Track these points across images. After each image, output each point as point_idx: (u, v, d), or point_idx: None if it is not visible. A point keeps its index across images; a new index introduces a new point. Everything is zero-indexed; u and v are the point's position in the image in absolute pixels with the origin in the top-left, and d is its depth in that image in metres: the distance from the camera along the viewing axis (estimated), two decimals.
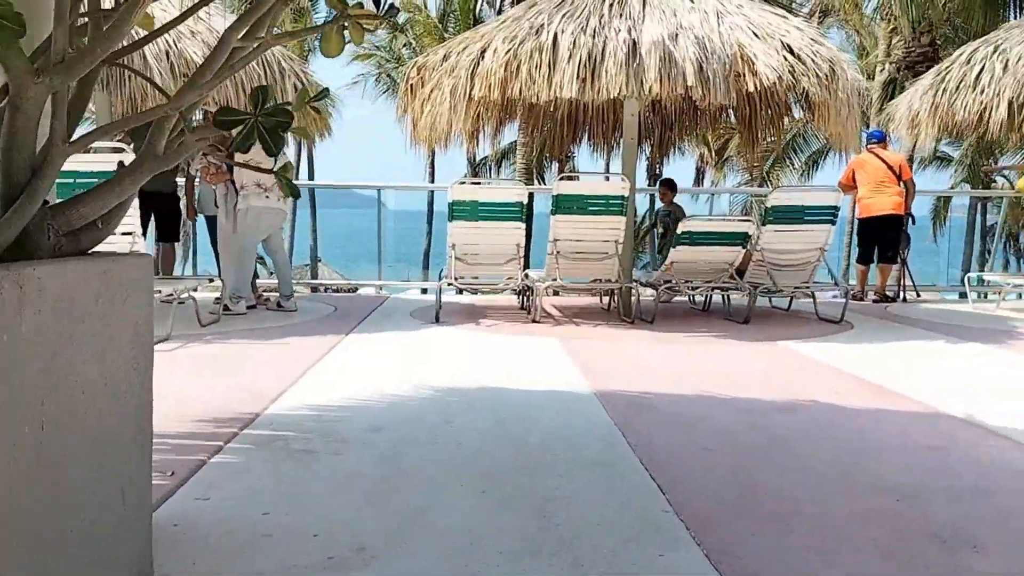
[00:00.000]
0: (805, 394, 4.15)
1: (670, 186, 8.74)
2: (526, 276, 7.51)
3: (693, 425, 3.50)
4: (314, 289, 11.37)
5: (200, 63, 2.35)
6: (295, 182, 7.19)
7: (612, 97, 5.81)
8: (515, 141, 12.52)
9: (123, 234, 5.53)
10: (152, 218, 7.77)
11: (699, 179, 25.98)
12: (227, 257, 7.31)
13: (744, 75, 5.83)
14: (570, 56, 5.83)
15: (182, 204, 7.93)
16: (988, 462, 3.08)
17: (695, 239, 6.83)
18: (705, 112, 8.20)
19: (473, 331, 6.36)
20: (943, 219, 24.77)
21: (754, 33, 6.01)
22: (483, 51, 6.27)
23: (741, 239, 6.85)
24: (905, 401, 4.04)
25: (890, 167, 8.77)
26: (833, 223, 7.05)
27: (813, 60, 5.90)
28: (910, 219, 9.16)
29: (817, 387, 4.35)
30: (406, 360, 5.01)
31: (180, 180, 7.84)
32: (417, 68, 6.98)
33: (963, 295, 9.94)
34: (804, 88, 5.89)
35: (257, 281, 7.96)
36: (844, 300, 7.06)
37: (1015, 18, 13.61)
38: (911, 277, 9.45)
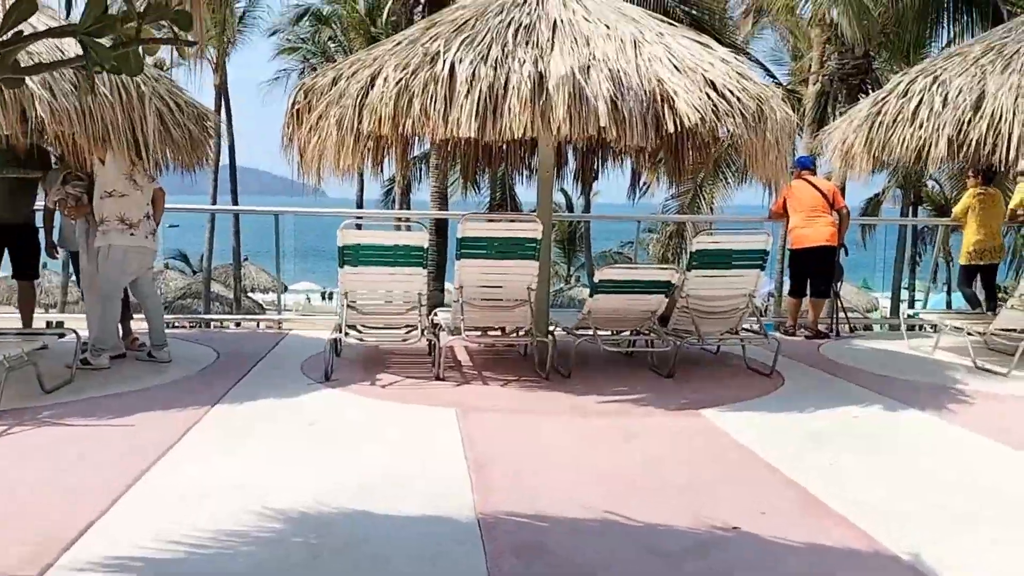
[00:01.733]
0: (728, 513, 3.52)
1: None
2: (433, 322, 6.80)
3: None
4: (206, 324, 10.44)
5: None
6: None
7: (516, 137, 5.11)
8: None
9: None
10: (6, 252, 6.84)
11: (635, 181, 25.53)
12: (90, 301, 6.43)
13: (664, 115, 5.18)
14: (468, 91, 5.11)
15: (42, 236, 7.01)
16: None
17: (614, 288, 6.20)
18: None
19: (363, 395, 5.61)
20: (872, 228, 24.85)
21: (675, 66, 5.37)
22: (372, 79, 5.51)
23: (664, 287, 6.24)
24: (845, 530, 3.43)
25: (823, 195, 8.29)
26: (762, 268, 6.49)
27: (739, 99, 5.28)
28: (843, 250, 8.72)
29: (743, 501, 3.73)
30: (267, 458, 4.24)
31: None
32: (304, 91, 6.17)
33: (894, 328, 9.58)
34: (729, 130, 5.27)
35: (132, 323, 7.08)
36: (774, 352, 6.50)
37: (947, 32, 13.36)
38: (844, 310, 9.02)
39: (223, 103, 25.92)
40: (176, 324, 9.40)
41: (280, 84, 27.30)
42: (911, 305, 27.02)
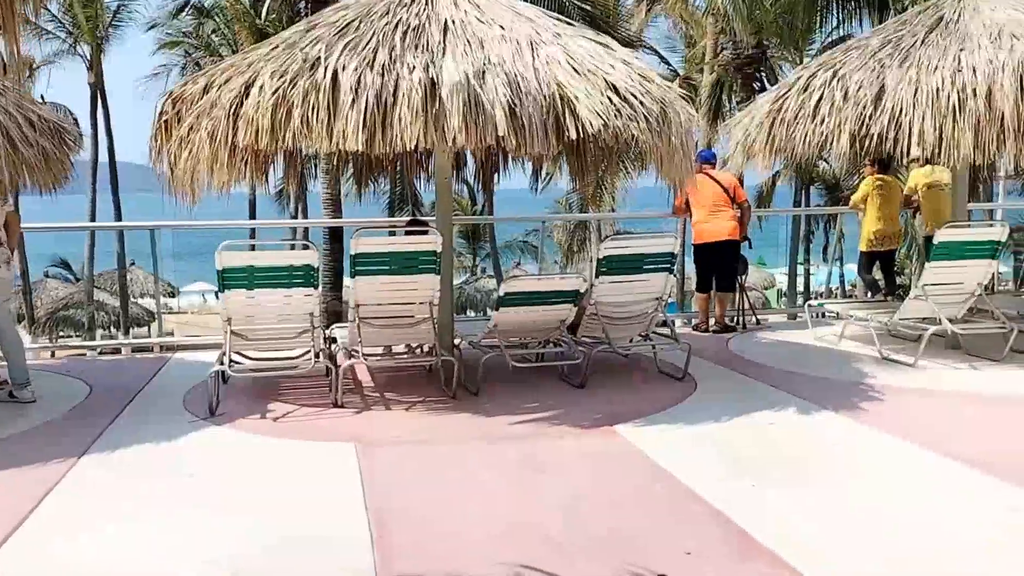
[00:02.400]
0: (654, 559, 3.26)
1: None
2: (329, 340, 6.35)
3: None
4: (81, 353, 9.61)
5: None
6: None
7: (408, 149, 4.71)
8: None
9: None
10: None
11: (537, 172, 25.35)
12: None
13: (565, 120, 4.88)
14: (354, 100, 4.68)
15: None
16: None
17: (521, 300, 5.90)
18: None
19: (252, 431, 5.13)
20: (768, 202, 25.45)
21: (574, 69, 5.07)
22: (247, 87, 5.01)
23: (571, 296, 5.98)
24: (777, 570, 3.22)
25: (724, 189, 8.20)
26: (671, 271, 6.30)
27: (642, 103, 5.03)
28: (747, 243, 8.67)
29: (668, 540, 3.48)
30: (132, 530, 3.72)
31: None
32: (172, 100, 5.60)
33: (791, 317, 9.62)
34: (634, 135, 5.01)
35: None
36: (685, 353, 6.32)
37: (835, 17, 13.58)
38: (749, 302, 8.99)
39: (100, 100, 24.43)
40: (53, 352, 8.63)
41: (161, 80, 25.88)
42: (807, 281, 27.86)
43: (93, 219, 23.98)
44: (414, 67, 4.78)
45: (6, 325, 5.91)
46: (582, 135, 4.96)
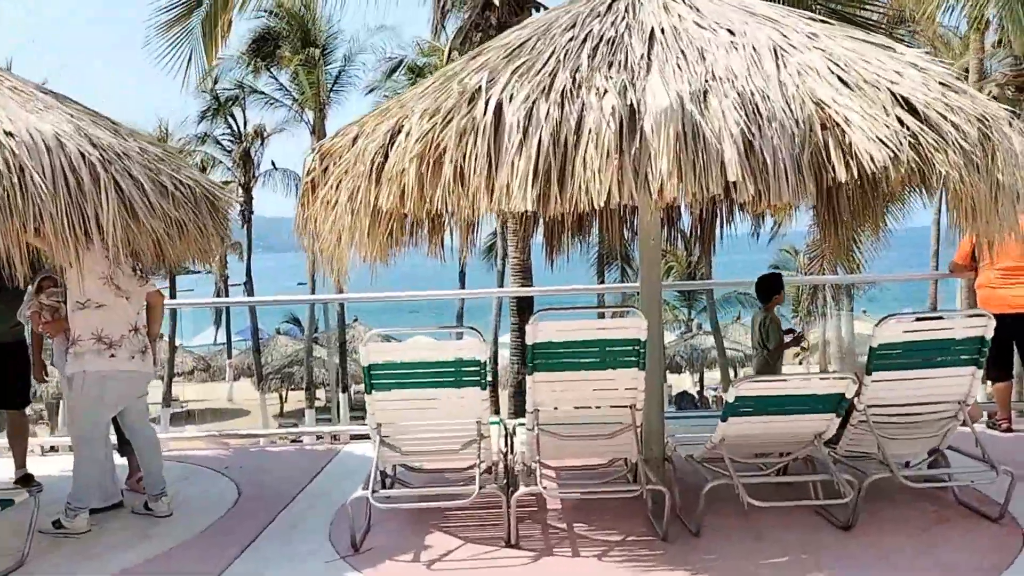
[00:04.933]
0: None
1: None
2: (506, 452, 5.05)
3: None
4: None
5: None
6: None
7: (596, 208, 3.32)
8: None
9: None
10: None
11: (759, 217, 23.10)
12: (73, 441, 5.04)
13: (829, 153, 3.30)
14: (521, 141, 3.37)
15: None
16: None
17: (759, 407, 4.28)
18: None
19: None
20: None
21: (842, 80, 3.47)
22: (393, 134, 3.86)
23: (832, 404, 4.27)
24: None
25: None
26: (980, 365, 4.42)
27: (952, 123, 3.32)
28: None
29: None
30: None
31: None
32: (320, 155, 4.61)
33: None
34: (943, 172, 3.29)
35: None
36: (1008, 479, 4.35)
37: None
38: None
39: None
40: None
41: None
42: None
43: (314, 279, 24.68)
44: (605, 91, 3.41)
45: (141, 425, 5.11)
46: (855, 177, 3.33)
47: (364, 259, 4.29)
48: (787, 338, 6.21)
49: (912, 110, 3.37)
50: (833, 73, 3.50)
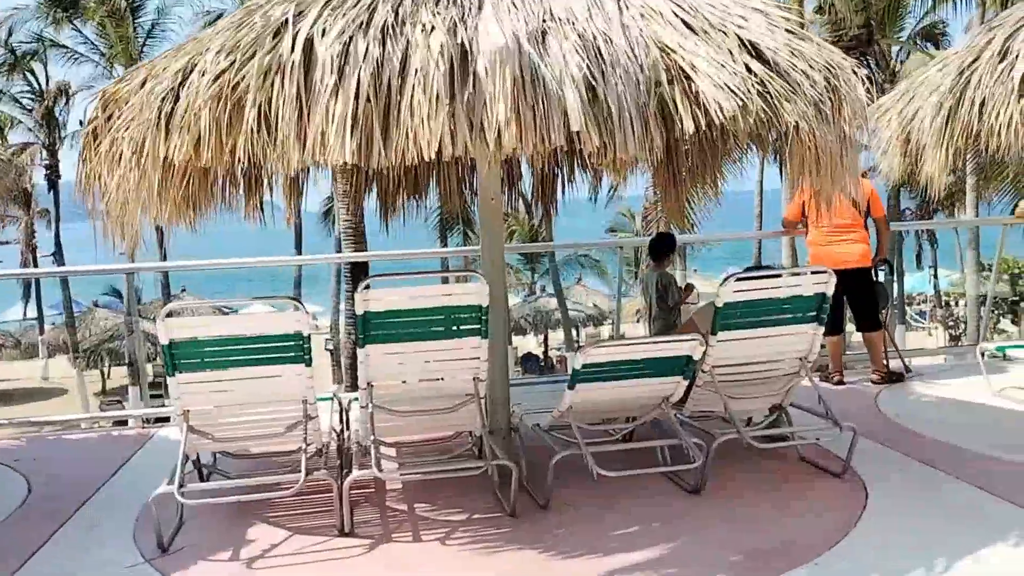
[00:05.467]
0: None
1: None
2: (340, 431, 4.61)
3: None
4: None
5: None
6: None
7: (424, 160, 2.92)
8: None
9: None
10: None
11: (597, 181, 23.39)
12: None
13: (677, 104, 3.05)
14: (337, 83, 2.91)
15: None
16: None
17: (605, 373, 4.06)
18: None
19: None
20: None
21: (687, 24, 3.22)
22: (185, 74, 3.29)
23: (680, 366, 4.11)
24: None
25: (853, 200, 6.21)
26: (821, 321, 4.40)
27: (804, 72, 3.15)
28: (885, 266, 6.68)
29: None
30: None
31: None
32: (104, 102, 3.94)
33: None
34: (792, 122, 3.11)
35: None
36: (849, 431, 4.35)
37: None
38: (894, 344, 6.97)
39: None
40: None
41: None
42: (901, 288, 24.98)
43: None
44: (433, 28, 2.99)
45: None
46: (702, 127, 3.09)
47: (155, 222, 3.68)
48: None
49: (760, 56, 3.17)
50: (678, 17, 3.24)
